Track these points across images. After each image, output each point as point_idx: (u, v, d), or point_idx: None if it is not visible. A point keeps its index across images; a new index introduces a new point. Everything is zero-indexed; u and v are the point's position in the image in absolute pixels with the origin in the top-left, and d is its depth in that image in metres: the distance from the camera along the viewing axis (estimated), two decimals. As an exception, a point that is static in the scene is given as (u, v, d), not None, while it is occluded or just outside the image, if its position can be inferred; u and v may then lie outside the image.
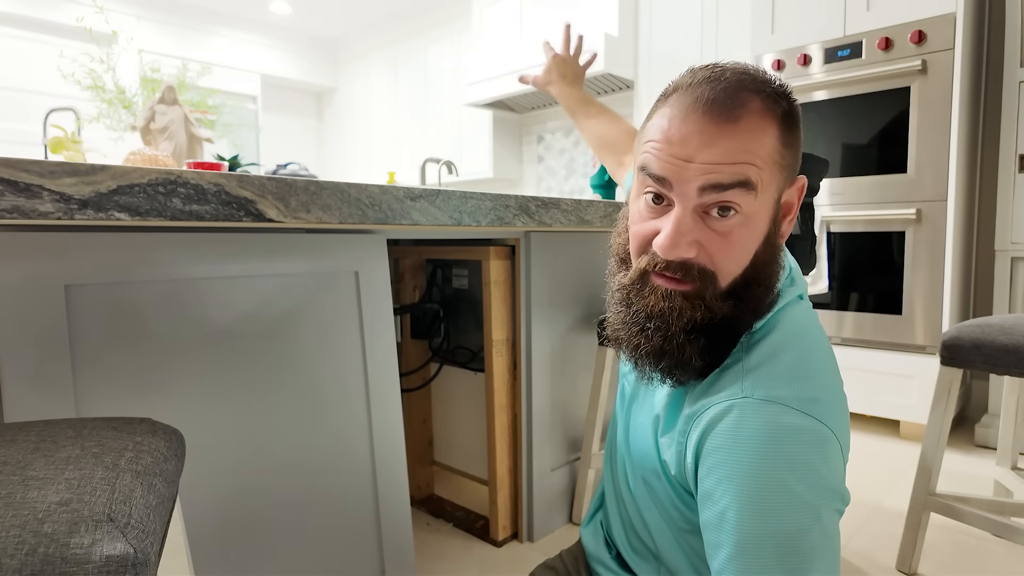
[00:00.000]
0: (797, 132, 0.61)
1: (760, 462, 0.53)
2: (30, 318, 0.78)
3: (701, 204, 0.57)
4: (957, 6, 2.12)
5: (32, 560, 0.39)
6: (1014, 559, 1.44)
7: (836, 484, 0.55)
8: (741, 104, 0.56)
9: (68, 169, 0.62)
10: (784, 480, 0.53)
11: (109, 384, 0.86)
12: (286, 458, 1.05)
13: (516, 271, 1.45)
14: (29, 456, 0.50)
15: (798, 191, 0.63)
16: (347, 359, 1.14)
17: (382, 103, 5.26)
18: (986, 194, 2.52)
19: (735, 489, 0.54)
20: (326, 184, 0.83)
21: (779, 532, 0.52)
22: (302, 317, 1.07)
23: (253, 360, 1.01)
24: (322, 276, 1.10)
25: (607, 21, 3.41)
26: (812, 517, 0.52)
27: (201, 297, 0.94)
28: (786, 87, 0.61)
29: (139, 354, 0.88)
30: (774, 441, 0.54)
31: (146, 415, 0.90)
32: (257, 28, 5.24)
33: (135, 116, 1.96)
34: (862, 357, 2.37)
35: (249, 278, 1.00)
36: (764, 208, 0.58)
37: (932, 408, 1.35)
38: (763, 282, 0.60)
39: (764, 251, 0.59)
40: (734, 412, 0.56)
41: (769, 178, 0.57)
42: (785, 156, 0.59)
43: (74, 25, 4.22)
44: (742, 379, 0.58)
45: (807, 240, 1.34)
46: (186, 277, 0.93)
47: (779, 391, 0.56)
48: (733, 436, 0.55)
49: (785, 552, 0.52)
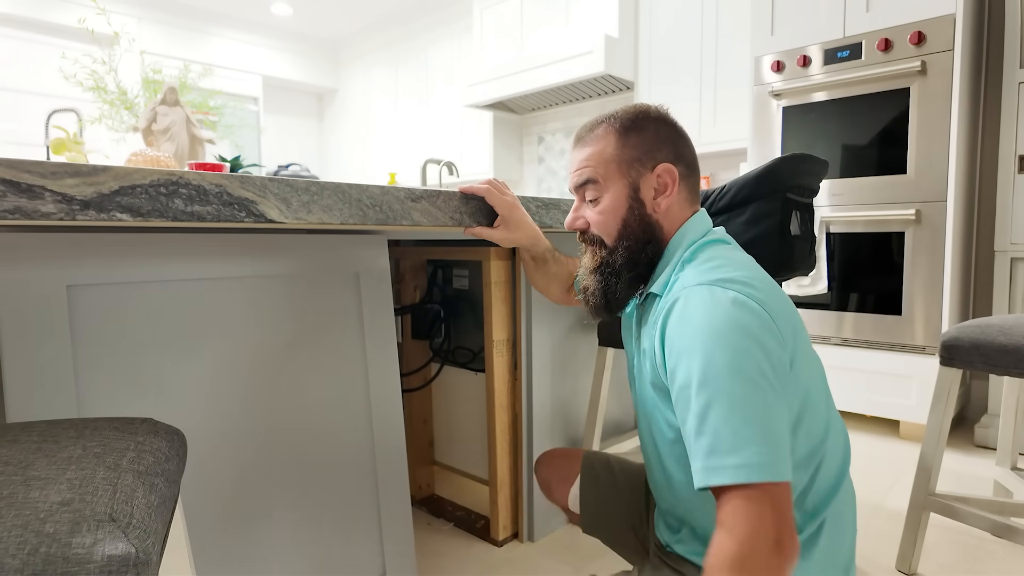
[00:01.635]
0: (636, 134, 0.85)
1: (706, 325, 0.69)
2: (33, 318, 0.79)
3: (580, 195, 0.90)
4: (956, 7, 2.12)
5: (34, 560, 0.39)
6: (1014, 559, 1.44)
7: (772, 341, 0.69)
8: (590, 130, 0.88)
9: (70, 170, 0.62)
10: (728, 334, 0.67)
11: (111, 384, 0.86)
12: (287, 458, 1.05)
13: (517, 272, 1.46)
14: (31, 456, 0.50)
15: (666, 172, 0.85)
16: (348, 360, 1.14)
17: (383, 104, 5.27)
18: (986, 195, 2.52)
19: (689, 355, 0.69)
20: (327, 185, 0.84)
21: (735, 368, 0.65)
22: (303, 318, 1.07)
23: (254, 361, 1.01)
24: (323, 276, 1.10)
25: (607, 22, 3.41)
26: (762, 355, 0.67)
27: (204, 297, 0.95)
28: (639, 111, 0.87)
29: (141, 354, 0.89)
30: (714, 306, 0.70)
31: (148, 415, 0.90)
32: (258, 29, 5.25)
33: (137, 117, 1.96)
34: (862, 357, 2.37)
35: (251, 278, 1.01)
36: (618, 192, 0.85)
37: (932, 408, 1.35)
38: (644, 236, 0.85)
39: (633, 218, 0.85)
40: (679, 301, 0.74)
41: (609, 171, 0.85)
42: (625, 153, 0.85)
43: (76, 26, 4.23)
44: (681, 284, 0.77)
45: (807, 240, 1.34)
46: (189, 278, 0.93)
47: (711, 277, 0.74)
48: (681, 315, 0.72)
49: (741, 391, 0.65)
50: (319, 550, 1.10)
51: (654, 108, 0.88)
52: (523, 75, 3.72)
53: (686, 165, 0.87)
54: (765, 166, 1.23)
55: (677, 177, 0.85)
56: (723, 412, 0.64)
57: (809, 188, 1.32)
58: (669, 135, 0.87)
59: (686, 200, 0.87)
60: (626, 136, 0.85)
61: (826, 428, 0.78)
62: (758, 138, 2.61)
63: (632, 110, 0.88)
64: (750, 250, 1.24)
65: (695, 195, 0.89)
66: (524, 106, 4.15)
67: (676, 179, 0.85)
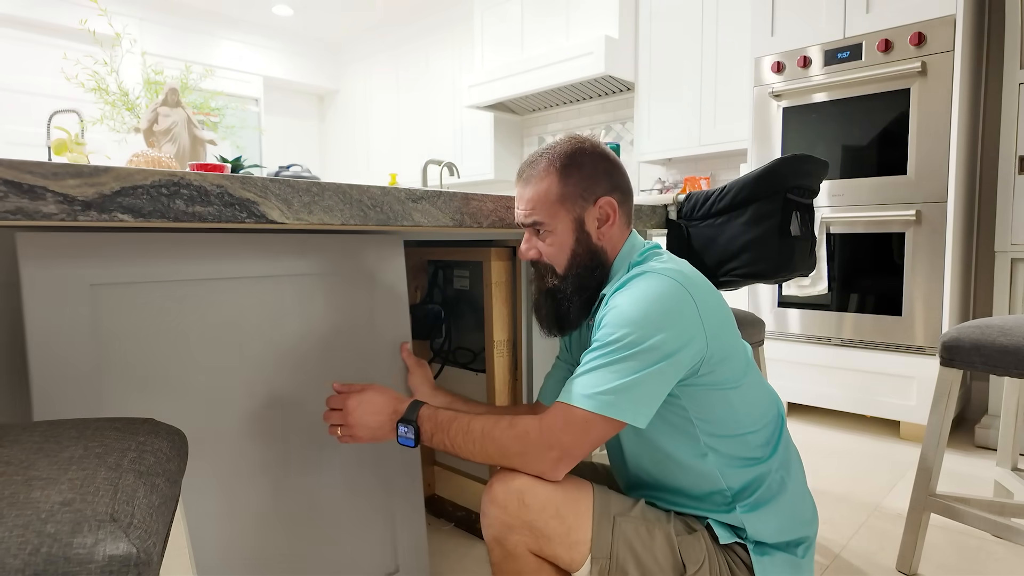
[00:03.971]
0: (576, 170, 0.92)
1: (626, 293, 0.84)
2: (58, 317, 0.79)
3: (531, 230, 0.96)
4: (957, 8, 2.12)
5: (35, 560, 0.39)
6: (1014, 560, 1.44)
7: (684, 324, 0.82)
8: (532, 166, 0.95)
9: (71, 171, 0.62)
10: (628, 303, 0.82)
11: (112, 384, 0.86)
12: (290, 458, 1.05)
13: (517, 272, 1.46)
14: (32, 456, 0.50)
15: (607, 204, 0.93)
16: (363, 358, 1.14)
17: (384, 105, 5.27)
18: (986, 195, 2.52)
19: (614, 313, 0.84)
20: (328, 186, 0.84)
21: (636, 337, 0.80)
22: (310, 318, 1.08)
23: (256, 361, 1.01)
24: (340, 275, 1.10)
25: (607, 23, 3.41)
26: (667, 332, 0.80)
27: (205, 297, 0.95)
28: (575, 147, 0.94)
29: (142, 354, 0.89)
30: (636, 279, 0.85)
31: (150, 415, 0.90)
32: (260, 31, 5.25)
33: (138, 118, 1.97)
34: (862, 358, 2.37)
35: (253, 279, 1.01)
36: (564, 227, 0.93)
37: (932, 409, 1.35)
38: (592, 263, 0.94)
39: (581, 248, 0.93)
40: (624, 283, 0.88)
41: (555, 210, 0.92)
42: (567, 191, 0.92)
43: (77, 27, 4.23)
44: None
45: (807, 241, 1.34)
46: (194, 278, 0.93)
47: (644, 269, 0.87)
48: (610, 301, 0.86)
49: (627, 353, 0.80)
50: (332, 549, 1.10)
51: (589, 143, 0.96)
52: (523, 76, 3.72)
53: (622, 192, 0.96)
54: (765, 167, 1.24)
55: (616, 207, 0.94)
56: (604, 364, 0.81)
57: (809, 189, 1.32)
58: (605, 168, 0.94)
59: (624, 224, 0.97)
60: (567, 174, 0.93)
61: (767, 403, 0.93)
62: (758, 139, 2.61)
63: (568, 146, 0.95)
64: (751, 250, 1.25)
65: (630, 217, 0.99)
66: (525, 107, 4.15)
67: (616, 209, 0.94)
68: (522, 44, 3.91)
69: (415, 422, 0.92)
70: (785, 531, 0.88)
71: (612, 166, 0.95)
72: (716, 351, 0.84)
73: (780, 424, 0.95)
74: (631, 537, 0.85)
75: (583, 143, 0.95)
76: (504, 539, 0.84)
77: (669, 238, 1.39)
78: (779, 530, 0.88)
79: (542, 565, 0.85)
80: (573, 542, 0.83)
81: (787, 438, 0.95)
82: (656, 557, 0.84)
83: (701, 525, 0.88)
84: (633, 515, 0.87)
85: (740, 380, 0.88)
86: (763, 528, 0.87)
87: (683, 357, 0.81)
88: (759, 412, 0.90)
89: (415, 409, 0.93)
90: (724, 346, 0.86)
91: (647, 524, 0.86)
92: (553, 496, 0.83)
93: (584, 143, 0.95)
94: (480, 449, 0.86)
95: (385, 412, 0.95)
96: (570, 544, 0.83)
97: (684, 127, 3.25)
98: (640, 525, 0.86)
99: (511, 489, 0.83)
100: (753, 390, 0.90)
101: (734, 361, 0.87)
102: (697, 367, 0.84)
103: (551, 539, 0.83)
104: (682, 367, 0.82)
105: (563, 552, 0.83)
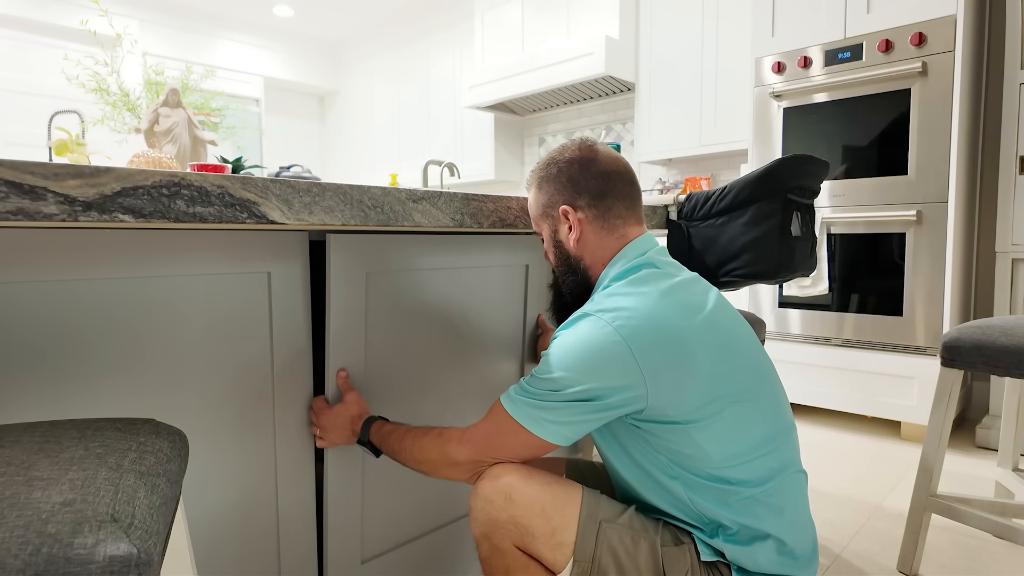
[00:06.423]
0: (547, 183, 0.96)
1: (564, 334, 0.84)
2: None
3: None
4: (957, 8, 2.12)
5: (36, 560, 0.39)
6: (1015, 560, 1.44)
7: (613, 375, 0.79)
8: (530, 175, 1.01)
9: (72, 171, 0.63)
10: (561, 346, 0.83)
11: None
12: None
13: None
14: (33, 456, 0.50)
15: (562, 214, 0.95)
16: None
17: (384, 105, 5.27)
18: (987, 196, 2.52)
19: (546, 352, 0.85)
20: (329, 186, 0.84)
21: (543, 375, 0.83)
22: (507, 302, 1.08)
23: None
24: (511, 268, 1.10)
25: (608, 23, 3.41)
26: (563, 379, 0.81)
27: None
28: (551, 159, 0.97)
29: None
30: (580, 321, 0.84)
31: (150, 415, 0.90)
32: (260, 31, 5.26)
33: (139, 119, 1.97)
34: (863, 358, 2.37)
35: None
36: (547, 236, 0.99)
37: (933, 409, 1.35)
38: (570, 271, 0.97)
39: (560, 255, 0.98)
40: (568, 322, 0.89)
41: (538, 222, 1.00)
42: (540, 204, 0.98)
43: (78, 28, 4.24)
44: (582, 311, 0.88)
45: (807, 242, 1.34)
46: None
47: (596, 307, 0.85)
48: (557, 334, 0.87)
49: (536, 388, 0.83)
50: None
51: (569, 150, 0.96)
52: (524, 76, 3.72)
53: (591, 196, 0.93)
54: (766, 167, 1.24)
55: (573, 214, 0.94)
56: (532, 392, 0.84)
57: (810, 189, 1.32)
58: (570, 175, 0.94)
59: (602, 228, 0.94)
60: (540, 188, 0.98)
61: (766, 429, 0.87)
62: (759, 139, 2.61)
63: (547, 159, 0.98)
64: (751, 251, 1.25)
65: (615, 217, 0.94)
66: (525, 107, 4.16)
67: (574, 216, 0.94)
68: (522, 44, 3.92)
69: (367, 442, 1.02)
70: (773, 565, 0.82)
71: (582, 168, 0.93)
72: (665, 396, 0.79)
73: (777, 453, 0.85)
74: (615, 544, 0.84)
75: (561, 152, 0.96)
76: (491, 534, 0.85)
77: (670, 238, 1.39)
78: (767, 564, 0.82)
79: (529, 560, 0.86)
80: (557, 543, 0.83)
81: (786, 464, 0.85)
82: (639, 566, 0.83)
83: (689, 538, 0.85)
84: (620, 522, 0.86)
85: (706, 418, 0.80)
86: (747, 560, 0.82)
87: (613, 402, 0.79)
88: (740, 447, 0.82)
89: (367, 429, 1.03)
90: (678, 391, 0.79)
91: (633, 532, 0.85)
92: (540, 495, 0.84)
93: (562, 152, 0.96)
94: (410, 456, 0.94)
95: (347, 430, 1.04)
96: (554, 545, 0.84)
97: (685, 127, 3.26)
98: (626, 533, 0.85)
99: (498, 485, 0.85)
100: (731, 425, 0.81)
101: (694, 401, 0.80)
102: (640, 411, 0.80)
103: (535, 537, 0.84)
104: (614, 409, 0.80)
105: (546, 552, 0.84)
